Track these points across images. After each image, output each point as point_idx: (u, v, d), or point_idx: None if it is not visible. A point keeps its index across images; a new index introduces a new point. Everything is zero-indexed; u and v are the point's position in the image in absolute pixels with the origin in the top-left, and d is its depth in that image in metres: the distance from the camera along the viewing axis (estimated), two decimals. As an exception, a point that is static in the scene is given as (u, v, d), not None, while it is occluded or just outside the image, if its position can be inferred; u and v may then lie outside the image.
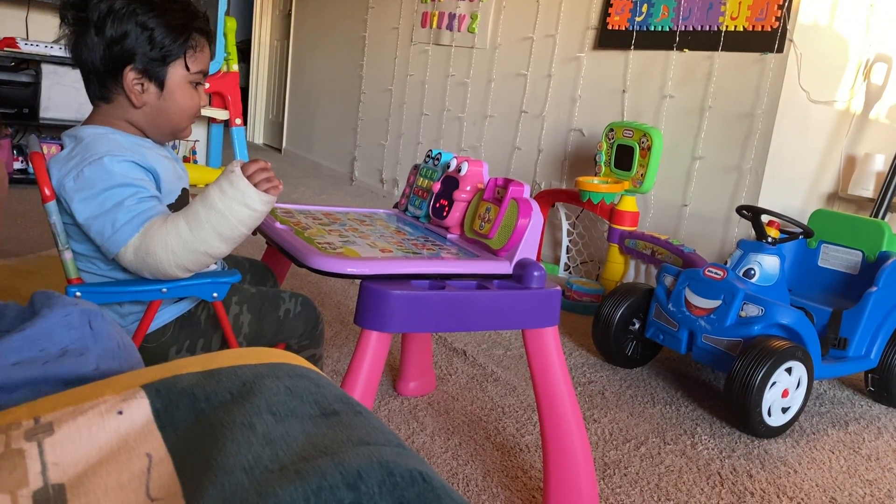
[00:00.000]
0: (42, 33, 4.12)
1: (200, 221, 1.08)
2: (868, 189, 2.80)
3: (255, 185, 1.09)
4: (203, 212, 1.08)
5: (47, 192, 1.09)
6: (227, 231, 1.09)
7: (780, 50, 2.61)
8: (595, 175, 2.99)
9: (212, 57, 1.30)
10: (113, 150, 1.11)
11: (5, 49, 3.78)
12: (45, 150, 3.86)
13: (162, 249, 1.07)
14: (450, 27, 4.26)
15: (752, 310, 1.96)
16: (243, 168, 1.10)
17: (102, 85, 1.17)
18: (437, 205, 1.49)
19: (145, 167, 1.14)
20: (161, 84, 1.17)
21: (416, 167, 1.65)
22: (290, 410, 0.60)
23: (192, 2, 1.21)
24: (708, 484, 1.63)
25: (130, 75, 1.14)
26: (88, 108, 1.22)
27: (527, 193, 1.31)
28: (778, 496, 1.61)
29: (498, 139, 3.93)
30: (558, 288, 1.28)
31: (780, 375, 1.85)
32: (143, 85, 1.16)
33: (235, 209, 1.09)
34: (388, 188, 4.85)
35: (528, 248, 1.27)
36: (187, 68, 1.18)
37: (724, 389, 1.88)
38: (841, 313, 2.13)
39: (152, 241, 1.07)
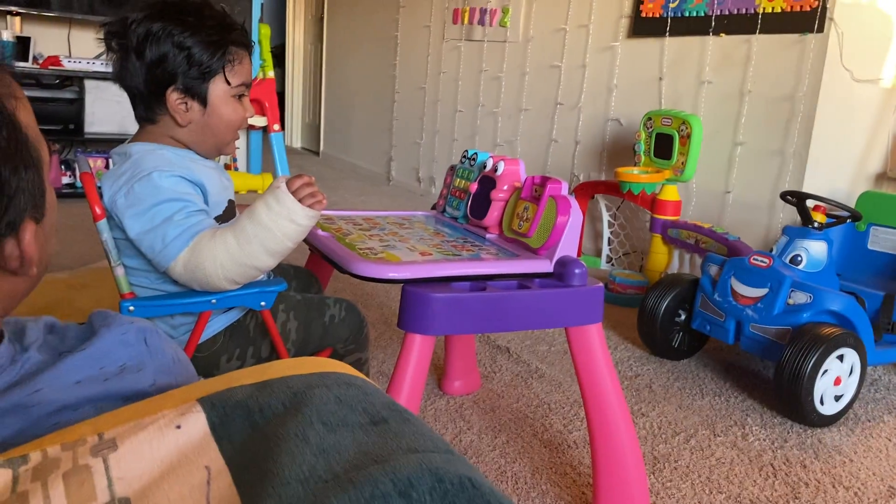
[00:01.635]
0: (84, 50, 4.23)
1: (248, 236, 1.10)
2: (918, 168, 2.72)
3: (300, 201, 1.11)
4: (250, 227, 1.10)
5: (98, 210, 1.13)
6: (273, 245, 1.11)
7: (821, 30, 2.55)
8: (634, 165, 2.96)
9: None
10: (161, 166, 1.14)
11: (50, 67, 3.89)
12: (92, 164, 3.92)
13: (210, 264, 1.09)
14: (481, 22, 4.25)
15: (799, 297, 1.93)
16: (288, 184, 1.12)
17: (148, 107, 1.19)
18: (475, 205, 1.50)
19: (192, 181, 1.16)
20: (204, 101, 1.19)
21: (452, 168, 1.66)
22: (341, 420, 0.61)
23: (227, 15, 1.22)
24: (761, 475, 1.61)
25: (173, 96, 1.16)
26: (131, 120, 1.25)
27: (564, 191, 1.31)
28: (833, 486, 1.58)
29: (534, 132, 3.91)
30: (600, 284, 1.27)
31: (831, 363, 1.82)
32: (186, 104, 1.18)
33: (281, 224, 1.10)
34: (424, 187, 4.87)
35: (568, 246, 1.27)
36: (228, 82, 1.20)
37: (773, 379, 1.86)
38: (894, 297, 2.08)
39: (201, 255, 1.09)
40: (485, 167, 1.50)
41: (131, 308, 1.13)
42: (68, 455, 0.56)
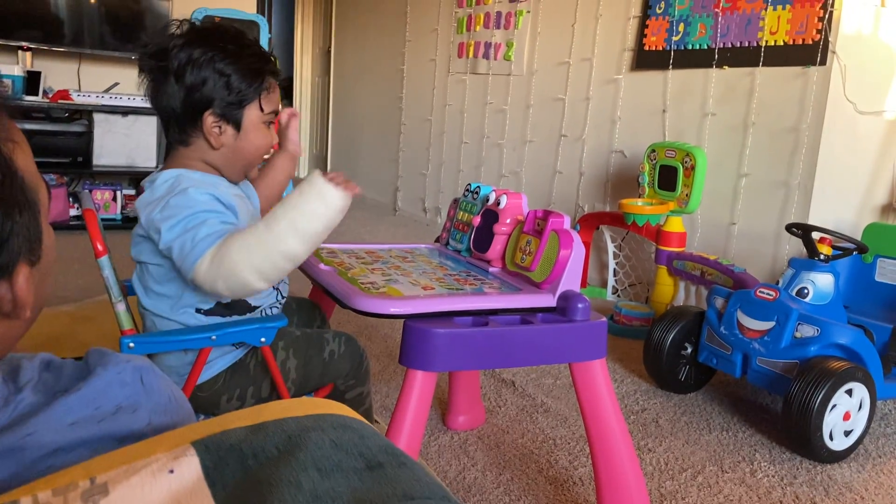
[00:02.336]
0: (93, 84, 4.29)
1: (277, 217, 1.10)
2: (924, 199, 2.71)
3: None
4: (280, 210, 1.11)
5: (100, 247, 1.13)
6: (302, 224, 1.09)
7: (823, 62, 2.56)
8: (639, 196, 2.96)
9: None
10: (196, 184, 1.16)
11: (59, 102, 3.94)
12: (100, 196, 3.96)
13: (237, 249, 1.07)
14: (486, 56, 4.29)
15: (807, 330, 1.91)
16: (323, 174, 1.14)
17: (182, 129, 1.22)
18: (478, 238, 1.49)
19: (224, 203, 1.18)
20: (238, 126, 1.22)
21: (455, 201, 1.66)
22: (336, 464, 0.60)
23: (259, 44, 1.26)
24: (770, 513, 1.58)
25: (210, 119, 1.19)
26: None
27: (567, 225, 1.30)
28: (845, 525, 1.55)
29: (539, 164, 3.93)
30: (604, 319, 1.26)
31: (840, 398, 1.79)
32: (220, 127, 1.21)
33: (312, 203, 1.10)
34: (430, 217, 4.88)
35: (570, 280, 1.27)
36: (261, 109, 1.23)
37: (782, 414, 1.83)
38: (902, 330, 2.06)
39: (229, 244, 1.08)
40: (487, 200, 1.50)
41: (131, 345, 1.13)
42: (59, 500, 0.55)
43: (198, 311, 1.21)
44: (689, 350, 2.20)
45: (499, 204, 1.45)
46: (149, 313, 1.24)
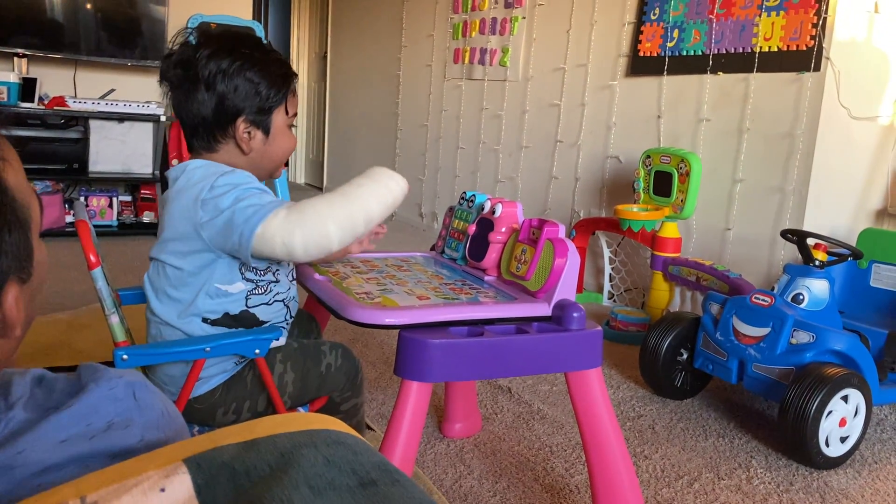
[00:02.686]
0: (89, 91, 4.28)
1: (357, 184, 1.19)
2: (919, 204, 2.72)
3: None
4: (358, 180, 1.20)
5: (93, 259, 1.13)
6: (381, 192, 1.19)
7: (818, 68, 2.57)
8: (634, 202, 2.96)
9: None
10: (235, 170, 1.22)
11: (55, 108, 3.94)
12: (96, 203, 3.94)
13: (322, 202, 1.14)
14: (482, 62, 4.30)
15: (802, 336, 1.91)
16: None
17: (211, 136, 1.24)
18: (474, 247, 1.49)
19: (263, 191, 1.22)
20: (267, 131, 1.26)
21: (451, 209, 1.66)
22: (328, 482, 0.60)
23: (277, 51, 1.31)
24: (766, 521, 1.58)
25: (242, 126, 1.23)
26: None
27: (562, 233, 1.30)
28: (841, 532, 1.55)
29: (534, 169, 3.93)
30: (599, 328, 1.26)
31: (835, 404, 1.79)
32: (251, 133, 1.24)
33: (385, 179, 1.21)
34: (427, 222, 4.88)
35: (566, 289, 1.27)
36: (287, 112, 1.28)
37: (777, 420, 1.83)
38: (898, 335, 2.06)
39: (312, 200, 1.15)
40: (483, 209, 1.50)
41: (125, 357, 1.12)
42: (49, 520, 0.55)
43: (204, 320, 1.21)
44: (685, 356, 2.20)
45: (494, 212, 1.45)
46: (155, 320, 1.23)
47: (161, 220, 1.25)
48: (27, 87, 3.93)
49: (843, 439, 1.84)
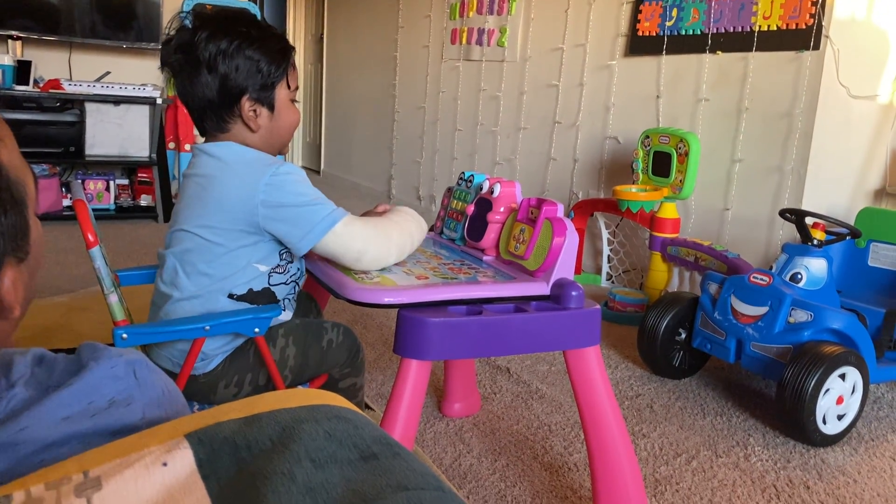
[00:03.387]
0: (85, 73, 4.25)
1: (400, 219, 1.35)
2: (917, 183, 2.71)
3: None
4: (396, 217, 1.36)
5: (90, 237, 1.12)
6: (416, 229, 1.36)
7: (817, 47, 2.56)
8: (633, 183, 2.96)
9: None
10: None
11: (51, 91, 3.91)
12: (93, 186, 3.94)
13: (385, 224, 1.29)
14: (479, 42, 4.27)
15: (800, 315, 1.92)
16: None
17: (220, 118, 1.26)
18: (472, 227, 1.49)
19: None
20: (272, 107, 1.28)
21: (449, 189, 1.66)
22: (330, 456, 0.60)
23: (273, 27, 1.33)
24: (763, 497, 1.59)
25: (247, 104, 1.25)
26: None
27: (560, 213, 1.30)
28: (838, 508, 1.56)
29: (533, 151, 3.92)
30: (597, 307, 1.27)
31: (833, 382, 1.80)
32: (256, 111, 1.26)
33: (415, 218, 1.39)
34: (425, 205, 4.88)
35: (564, 268, 1.27)
36: (288, 86, 1.30)
37: (775, 398, 1.84)
38: (895, 314, 2.07)
39: (368, 220, 1.28)
40: (481, 189, 1.50)
41: (124, 336, 1.12)
42: (52, 495, 0.55)
43: (230, 295, 1.24)
44: (683, 336, 2.21)
45: (492, 192, 1.45)
46: (175, 298, 1.23)
47: (190, 194, 1.25)
48: (22, 70, 3.90)
49: (840, 417, 1.85)
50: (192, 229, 1.22)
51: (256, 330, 1.18)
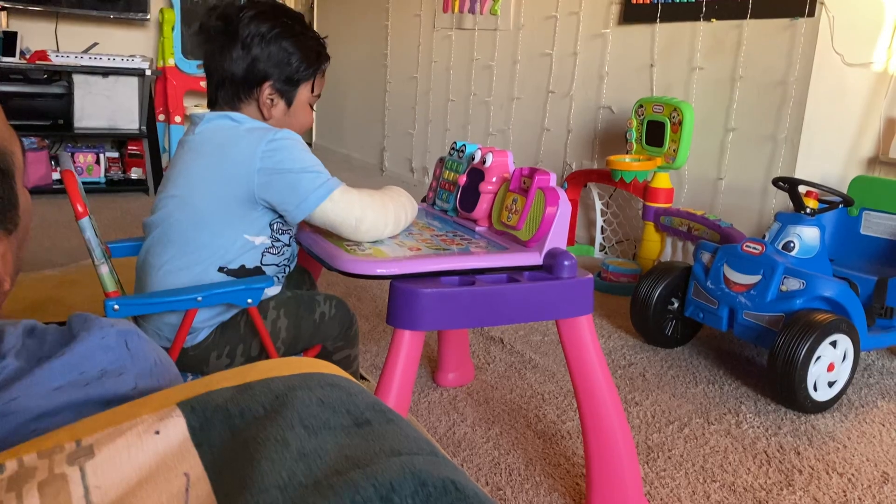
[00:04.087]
0: (72, 44, 4.19)
1: (394, 195, 1.34)
2: (910, 151, 2.71)
3: None
4: (392, 193, 1.34)
5: (80, 208, 1.12)
6: (408, 202, 1.36)
7: (812, 14, 2.54)
8: (626, 153, 2.95)
9: None
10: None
11: (38, 63, 3.86)
12: (83, 160, 3.90)
13: (382, 196, 1.28)
14: (472, 10, 4.22)
15: (792, 283, 1.93)
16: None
17: (236, 94, 1.28)
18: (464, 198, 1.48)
19: None
20: (290, 102, 1.30)
21: (441, 160, 1.65)
22: (323, 422, 0.60)
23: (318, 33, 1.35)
24: (755, 463, 1.61)
25: (267, 90, 1.27)
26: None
27: (553, 182, 1.30)
28: (827, 473, 1.58)
29: (526, 121, 3.90)
30: (590, 276, 1.27)
31: (824, 349, 1.82)
32: (273, 100, 1.28)
33: (405, 196, 1.38)
34: (418, 177, 4.86)
35: (557, 238, 1.27)
36: (312, 90, 1.32)
37: (767, 366, 1.86)
38: (886, 281, 2.08)
39: (364, 191, 1.27)
40: (473, 159, 1.49)
41: (116, 307, 1.12)
42: (44, 463, 0.55)
43: (221, 269, 1.23)
44: (676, 305, 2.22)
45: (484, 162, 1.44)
46: (164, 270, 1.22)
47: (185, 160, 1.25)
48: (7, 42, 3.84)
49: (830, 384, 1.86)
50: (183, 195, 1.22)
51: (249, 300, 1.18)
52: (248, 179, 1.19)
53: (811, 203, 2.12)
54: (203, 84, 1.46)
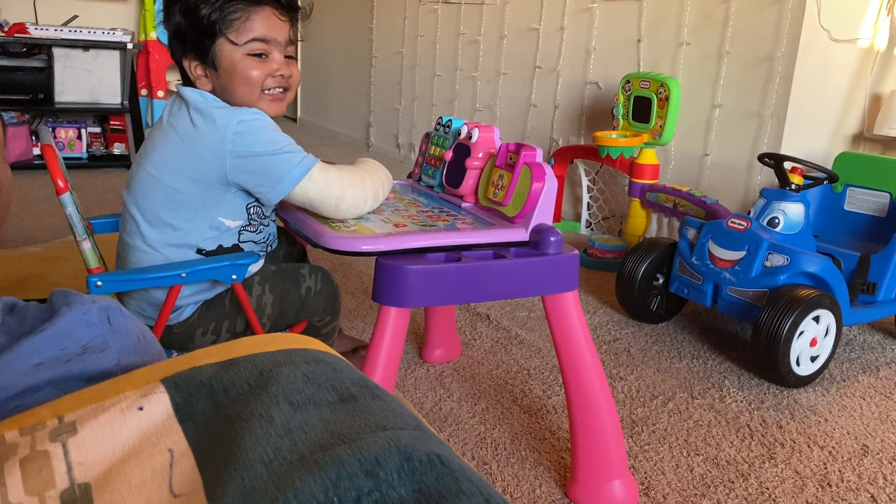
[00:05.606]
0: (51, 16, 4.12)
1: (369, 168, 1.33)
2: (894, 128, 2.72)
3: None
4: (366, 166, 1.34)
5: (61, 183, 1.10)
6: (384, 175, 1.34)
7: (799, -11, 2.53)
8: (613, 129, 2.94)
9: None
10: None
11: (16, 35, 3.79)
12: (64, 135, 3.84)
13: (359, 171, 1.27)
14: (458, -15, 4.18)
15: (777, 259, 1.94)
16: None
17: (184, 76, 1.21)
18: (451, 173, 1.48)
19: None
20: (215, 66, 1.18)
21: (427, 135, 1.64)
22: (308, 398, 0.60)
23: None
24: (737, 437, 1.63)
25: (191, 63, 1.19)
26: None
27: (539, 158, 1.29)
28: (809, 446, 1.61)
29: (513, 97, 3.88)
30: (576, 252, 1.27)
31: (807, 324, 1.83)
32: (198, 70, 1.20)
33: (381, 168, 1.37)
34: (404, 153, 4.83)
35: (543, 214, 1.26)
36: (233, 42, 1.17)
37: (751, 341, 1.87)
38: (869, 258, 2.10)
39: (342, 167, 1.26)
40: (459, 134, 1.48)
41: (99, 283, 1.11)
42: (26, 440, 0.55)
43: (199, 251, 1.21)
44: (661, 281, 2.23)
45: (471, 137, 1.43)
46: (141, 248, 1.20)
47: (159, 135, 1.20)
48: (-15, 14, 3.77)
49: (813, 359, 1.88)
50: (155, 173, 1.18)
51: (234, 277, 1.17)
52: (220, 163, 1.15)
53: (796, 179, 2.12)
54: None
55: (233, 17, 1.15)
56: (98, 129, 4.25)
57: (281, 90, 1.24)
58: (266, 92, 1.22)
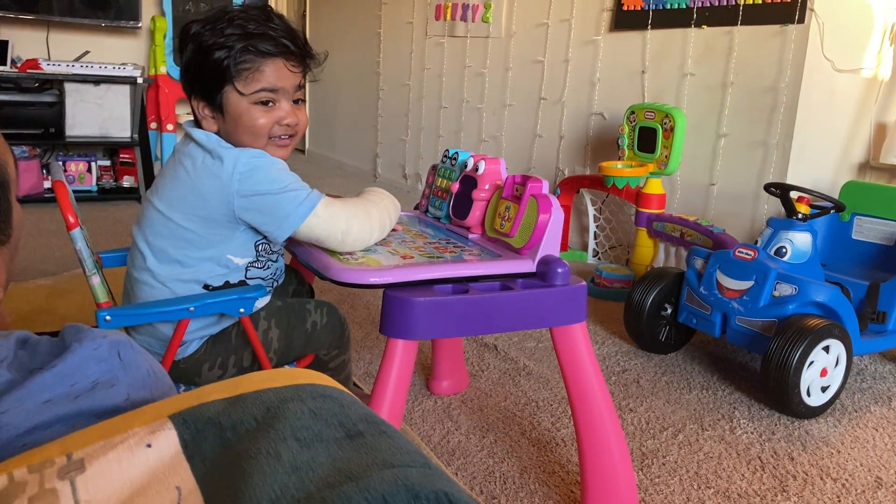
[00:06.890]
0: (63, 53, 4.18)
1: (375, 199, 1.33)
2: (900, 156, 2.73)
3: None
4: (372, 197, 1.34)
5: (71, 219, 1.11)
6: (390, 205, 1.35)
7: (802, 20, 2.55)
8: (618, 159, 2.95)
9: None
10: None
11: (28, 71, 3.85)
12: (74, 168, 3.88)
13: (364, 203, 1.27)
14: (464, 18, 4.23)
15: (785, 289, 1.93)
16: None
17: (194, 113, 1.22)
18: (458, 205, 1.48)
19: None
20: (221, 111, 1.18)
21: (434, 167, 1.65)
22: (315, 434, 0.60)
23: (267, 19, 1.20)
24: (749, 469, 1.61)
25: (198, 104, 1.20)
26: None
27: (546, 189, 1.30)
28: (821, 478, 1.59)
29: (518, 127, 3.90)
30: (584, 283, 1.27)
31: (817, 354, 1.82)
32: (205, 112, 1.21)
33: (388, 197, 1.38)
34: (411, 183, 4.86)
35: (550, 245, 1.27)
36: (240, 92, 1.16)
37: (760, 371, 1.86)
38: (878, 286, 2.09)
39: (346, 201, 1.26)
40: (466, 166, 1.49)
41: (108, 318, 1.12)
42: (35, 478, 0.55)
43: (206, 287, 1.21)
44: (669, 311, 2.22)
45: (477, 170, 1.44)
46: (149, 281, 1.21)
47: (170, 173, 1.21)
48: (-1, 50, 3.83)
49: (823, 389, 1.87)
50: (164, 210, 1.19)
51: (242, 310, 1.18)
52: (227, 202, 1.15)
53: (803, 208, 2.12)
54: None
55: (243, 66, 1.15)
56: (108, 163, 4.30)
57: (287, 137, 1.24)
58: (272, 139, 1.23)
